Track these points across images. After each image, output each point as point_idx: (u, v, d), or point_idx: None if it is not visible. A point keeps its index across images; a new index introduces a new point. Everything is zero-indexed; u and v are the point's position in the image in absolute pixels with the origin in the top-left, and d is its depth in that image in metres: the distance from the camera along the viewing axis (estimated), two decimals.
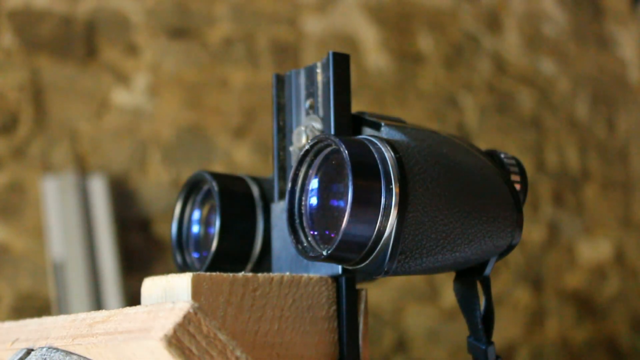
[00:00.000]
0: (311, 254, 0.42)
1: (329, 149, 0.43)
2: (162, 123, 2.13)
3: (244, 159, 2.20)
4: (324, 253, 0.41)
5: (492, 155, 0.50)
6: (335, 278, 0.44)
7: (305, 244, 0.43)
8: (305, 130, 0.47)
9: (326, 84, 0.47)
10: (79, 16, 2.07)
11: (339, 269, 0.44)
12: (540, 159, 2.65)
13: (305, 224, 0.43)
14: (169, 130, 2.13)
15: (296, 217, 0.43)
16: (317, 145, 0.43)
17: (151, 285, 0.41)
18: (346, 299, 0.44)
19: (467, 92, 2.51)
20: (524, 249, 2.49)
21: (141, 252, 2.06)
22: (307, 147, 0.43)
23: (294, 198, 0.43)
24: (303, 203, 0.43)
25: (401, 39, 2.39)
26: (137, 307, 0.37)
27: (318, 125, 0.46)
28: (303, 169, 0.43)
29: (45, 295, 1.94)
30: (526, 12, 2.74)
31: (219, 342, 0.34)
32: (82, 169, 2.02)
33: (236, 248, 0.50)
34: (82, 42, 2.06)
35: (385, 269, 0.41)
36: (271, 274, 0.42)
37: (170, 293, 0.40)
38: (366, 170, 0.40)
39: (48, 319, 0.42)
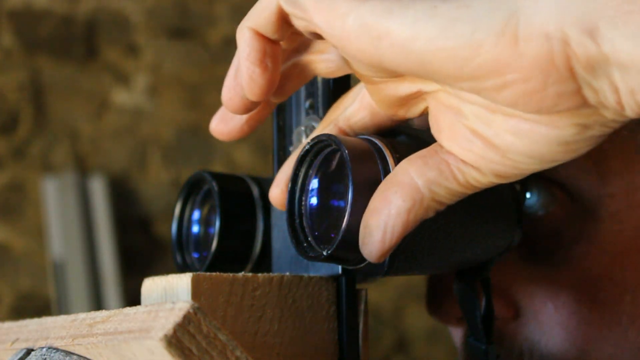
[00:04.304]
0: (311, 254, 0.42)
1: (329, 149, 0.43)
2: (162, 123, 2.13)
3: (244, 159, 2.20)
4: (324, 253, 0.40)
5: None
6: (335, 278, 0.44)
7: (305, 244, 0.42)
8: (305, 130, 0.47)
9: (326, 84, 0.47)
10: (79, 16, 2.07)
11: (339, 269, 0.44)
12: None
13: (305, 224, 0.43)
14: (169, 130, 2.13)
15: (296, 217, 0.43)
16: (317, 145, 0.42)
17: (151, 285, 0.41)
18: (346, 299, 0.44)
19: None
20: None
21: (141, 252, 2.06)
22: (307, 147, 0.43)
23: (294, 198, 0.43)
24: (303, 203, 0.43)
25: None
26: (137, 307, 0.37)
27: (318, 125, 0.46)
28: (303, 169, 0.43)
29: (45, 295, 1.94)
30: None
31: (219, 342, 0.34)
32: (82, 169, 2.02)
33: (236, 248, 0.50)
34: (82, 42, 2.07)
35: (386, 269, 0.41)
36: (271, 274, 0.42)
37: (170, 293, 0.40)
38: (366, 170, 0.40)
39: (48, 319, 0.42)
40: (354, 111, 0.43)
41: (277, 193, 0.45)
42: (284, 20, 0.38)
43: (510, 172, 0.35)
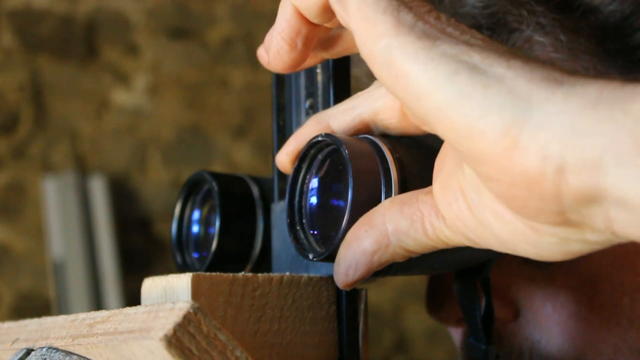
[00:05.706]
0: (311, 254, 0.42)
1: (329, 149, 0.43)
2: (162, 123, 2.13)
3: (244, 159, 2.20)
4: (324, 253, 0.41)
5: None
6: None
7: (304, 244, 0.43)
8: None
9: (326, 84, 0.47)
10: (79, 16, 2.07)
11: None
12: None
13: (305, 223, 0.43)
14: (169, 130, 2.13)
15: (296, 216, 0.43)
16: (317, 145, 0.43)
17: (151, 285, 0.41)
18: (346, 299, 0.44)
19: None
20: None
21: (141, 252, 2.06)
22: (307, 146, 0.43)
23: (294, 197, 0.43)
24: (303, 202, 0.43)
25: None
26: (137, 307, 0.37)
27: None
28: (303, 168, 0.43)
29: (45, 295, 1.94)
30: None
31: (219, 342, 0.34)
32: (82, 169, 2.02)
33: (236, 248, 0.50)
34: (82, 42, 2.07)
35: (385, 269, 0.41)
36: (271, 274, 0.42)
37: (170, 293, 0.40)
38: (366, 170, 0.40)
39: (48, 319, 0.42)
40: (384, 107, 0.42)
41: (284, 158, 0.45)
42: (327, 8, 0.38)
43: (478, 242, 0.35)
